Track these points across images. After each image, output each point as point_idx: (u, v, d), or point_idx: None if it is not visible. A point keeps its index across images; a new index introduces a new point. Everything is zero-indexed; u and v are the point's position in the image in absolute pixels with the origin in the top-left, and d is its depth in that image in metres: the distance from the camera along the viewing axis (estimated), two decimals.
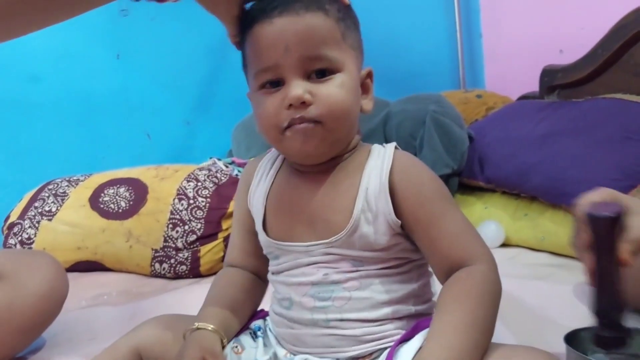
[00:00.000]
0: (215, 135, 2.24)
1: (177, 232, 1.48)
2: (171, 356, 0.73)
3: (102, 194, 1.58)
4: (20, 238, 1.56)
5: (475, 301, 0.64)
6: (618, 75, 1.73)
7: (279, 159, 0.78)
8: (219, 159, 1.77)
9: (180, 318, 0.80)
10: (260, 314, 0.81)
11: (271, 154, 0.80)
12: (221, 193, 1.53)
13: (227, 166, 1.71)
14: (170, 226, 1.49)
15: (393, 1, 2.36)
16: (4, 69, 1.84)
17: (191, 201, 1.51)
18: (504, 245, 1.49)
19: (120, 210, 1.54)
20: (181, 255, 1.46)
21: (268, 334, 0.77)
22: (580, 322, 0.72)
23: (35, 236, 1.55)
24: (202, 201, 1.51)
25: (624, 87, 1.66)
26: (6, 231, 1.60)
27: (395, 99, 1.85)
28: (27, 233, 1.56)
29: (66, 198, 1.61)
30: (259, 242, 0.77)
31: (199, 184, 1.55)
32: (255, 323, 0.79)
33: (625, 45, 1.69)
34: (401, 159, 0.71)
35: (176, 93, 2.19)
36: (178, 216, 1.49)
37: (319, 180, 0.72)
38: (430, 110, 1.71)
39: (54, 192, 1.63)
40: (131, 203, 1.54)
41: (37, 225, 1.57)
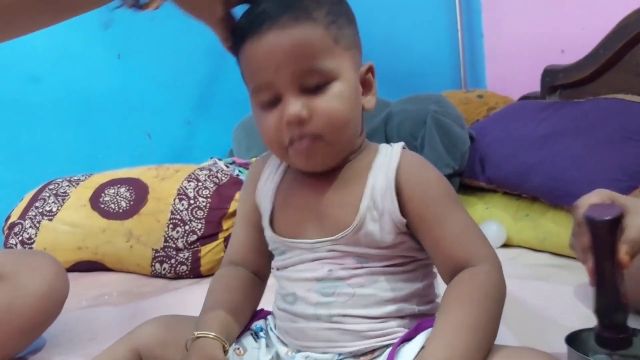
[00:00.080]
0: (215, 135, 2.24)
1: (178, 232, 1.48)
2: (171, 357, 0.73)
3: (103, 194, 1.58)
4: (20, 238, 1.56)
5: (478, 302, 0.64)
6: (620, 75, 1.73)
7: None
8: (220, 159, 1.77)
9: (180, 319, 0.80)
10: (260, 314, 0.81)
11: None
12: (222, 193, 1.53)
13: (228, 166, 1.71)
14: (170, 226, 1.48)
15: (394, 1, 2.36)
16: (4, 69, 1.84)
17: (192, 201, 1.51)
18: (505, 245, 1.49)
19: (120, 210, 1.54)
20: (182, 255, 1.46)
21: (269, 334, 0.77)
22: (581, 323, 0.73)
23: (35, 236, 1.55)
24: (203, 201, 1.51)
25: (626, 87, 1.66)
26: (7, 231, 1.60)
27: (396, 99, 1.85)
28: (28, 233, 1.56)
29: (67, 198, 1.60)
30: (264, 238, 0.78)
31: (200, 184, 1.55)
32: (256, 324, 0.79)
33: (627, 45, 1.69)
34: (408, 159, 0.71)
35: (177, 93, 2.19)
36: (178, 216, 1.49)
37: (327, 178, 0.73)
38: (431, 110, 1.71)
39: (55, 192, 1.63)
40: (132, 203, 1.54)
41: (38, 225, 1.57)
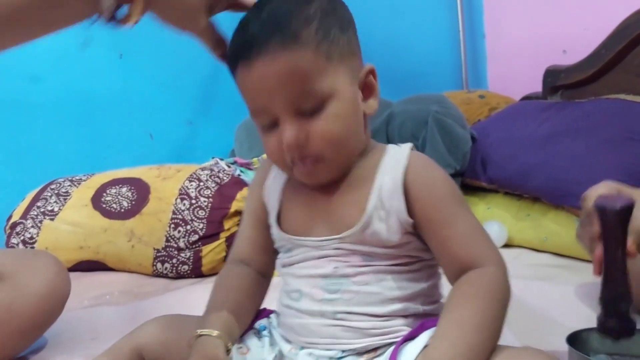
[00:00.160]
0: (217, 135, 2.24)
1: (179, 232, 1.48)
2: (172, 356, 0.73)
3: (105, 194, 1.58)
4: (22, 237, 1.56)
5: (483, 302, 0.64)
6: (621, 75, 1.72)
7: None
8: (222, 159, 1.77)
9: (182, 318, 0.80)
10: (264, 313, 0.81)
11: None
12: (223, 193, 1.53)
13: (230, 166, 1.71)
14: (172, 226, 1.49)
15: (395, 1, 2.36)
16: (4, 69, 1.83)
17: (193, 201, 1.51)
18: (507, 245, 1.49)
19: (122, 210, 1.54)
20: (183, 255, 1.46)
21: (273, 332, 0.77)
22: (582, 323, 0.73)
23: (37, 236, 1.55)
24: (204, 201, 1.51)
25: (628, 88, 1.65)
26: (8, 230, 1.60)
27: (397, 99, 1.84)
28: (30, 232, 1.56)
29: (68, 198, 1.61)
30: (270, 236, 0.78)
31: (201, 184, 1.55)
32: (259, 322, 0.79)
33: (628, 45, 1.68)
34: (416, 160, 0.71)
35: (178, 93, 2.19)
36: (180, 216, 1.49)
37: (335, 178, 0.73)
38: (432, 110, 1.70)
39: (57, 192, 1.63)
40: (133, 203, 1.54)
41: (40, 224, 1.57)
